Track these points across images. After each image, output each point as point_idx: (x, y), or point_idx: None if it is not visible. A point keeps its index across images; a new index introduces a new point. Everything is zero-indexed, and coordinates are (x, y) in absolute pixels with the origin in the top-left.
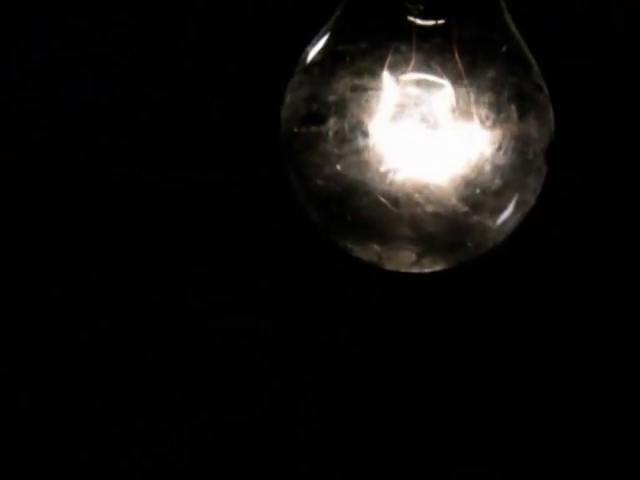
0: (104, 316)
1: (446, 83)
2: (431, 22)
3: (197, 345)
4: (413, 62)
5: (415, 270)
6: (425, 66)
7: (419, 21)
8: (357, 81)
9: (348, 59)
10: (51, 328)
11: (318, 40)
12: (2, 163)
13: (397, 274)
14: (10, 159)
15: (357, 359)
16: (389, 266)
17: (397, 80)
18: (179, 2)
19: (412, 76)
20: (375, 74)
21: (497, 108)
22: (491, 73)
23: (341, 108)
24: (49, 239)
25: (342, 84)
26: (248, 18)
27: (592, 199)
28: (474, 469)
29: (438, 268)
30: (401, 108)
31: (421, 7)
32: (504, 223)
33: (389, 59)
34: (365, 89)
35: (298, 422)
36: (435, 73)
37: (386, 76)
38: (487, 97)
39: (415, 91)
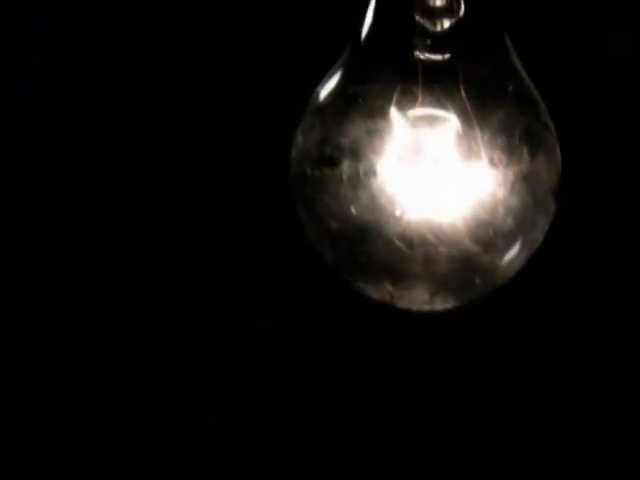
0: (104, 316)
1: (458, 123)
2: (438, 57)
3: (197, 345)
4: (423, 101)
5: (426, 308)
6: (437, 106)
7: (427, 56)
8: (370, 123)
9: (360, 101)
10: (51, 328)
11: (328, 81)
12: (2, 163)
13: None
14: (10, 159)
15: (357, 359)
16: (401, 304)
17: (409, 121)
18: (179, 2)
19: (423, 116)
20: (387, 115)
21: (508, 149)
22: (500, 113)
23: (354, 151)
24: (49, 239)
25: (355, 126)
26: (248, 17)
27: (593, 221)
28: (474, 469)
29: (449, 306)
30: (415, 150)
31: (429, 42)
32: (514, 261)
33: (400, 99)
34: (378, 131)
35: (298, 422)
36: (447, 113)
37: (397, 117)
38: (498, 138)
39: (428, 133)
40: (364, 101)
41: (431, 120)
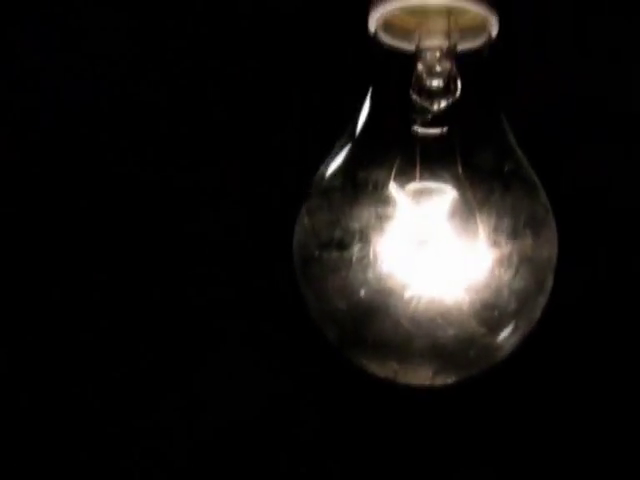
0: (104, 316)
1: (458, 202)
2: (436, 131)
3: (197, 345)
4: (422, 176)
5: (427, 383)
6: (435, 181)
7: (424, 131)
8: (377, 206)
9: (367, 183)
10: (51, 328)
11: (332, 162)
12: (2, 163)
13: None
14: (10, 159)
15: None
16: (403, 380)
17: (410, 197)
18: (179, 2)
19: (423, 190)
20: (392, 195)
21: (510, 231)
22: (498, 194)
23: (363, 234)
24: (49, 239)
25: (363, 210)
26: (248, 17)
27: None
28: (475, 470)
29: (450, 382)
30: (419, 231)
31: (426, 117)
32: (515, 340)
33: (399, 174)
34: (385, 213)
35: (298, 422)
36: (446, 188)
37: (397, 194)
38: (496, 219)
39: (430, 211)
40: (370, 183)
41: (430, 194)
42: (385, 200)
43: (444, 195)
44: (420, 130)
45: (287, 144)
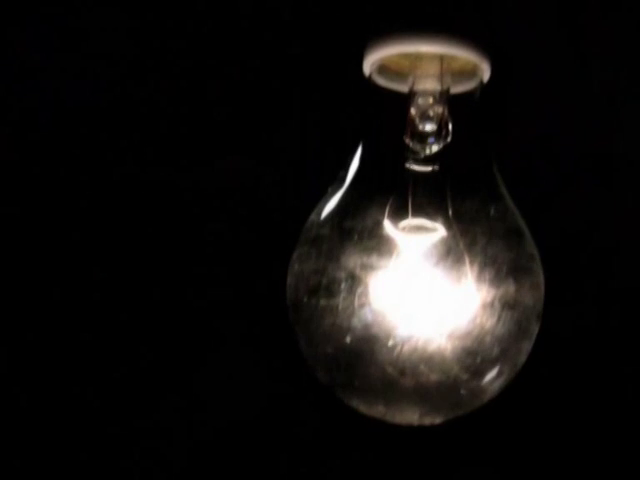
0: (104, 316)
1: (447, 244)
2: (428, 169)
3: (197, 345)
4: (414, 213)
5: (415, 423)
6: (427, 219)
7: (417, 168)
8: (364, 254)
9: (355, 233)
10: (51, 328)
11: (323, 209)
12: (2, 163)
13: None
14: (10, 159)
15: None
16: (391, 420)
17: (402, 235)
18: (179, 2)
19: (414, 228)
20: (381, 244)
21: (496, 280)
22: (486, 241)
23: (350, 282)
24: (49, 239)
25: (350, 259)
26: (248, 17)
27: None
28: (475, 468)
29: (437, 422)
30: (409, 282)
31: (421, 156)
32: (500, 383)
33: (392, 212)
34: (372, 261)
35: (298, 422)
36: (436, 228)
37: (390, 232)
38: (485, 268)
39: (424, 263)
40: (356, 232)
41: (422, 232)
42: (372, 249)
43: (435, 233)
44: (412, 167)
45: (287, 144)
